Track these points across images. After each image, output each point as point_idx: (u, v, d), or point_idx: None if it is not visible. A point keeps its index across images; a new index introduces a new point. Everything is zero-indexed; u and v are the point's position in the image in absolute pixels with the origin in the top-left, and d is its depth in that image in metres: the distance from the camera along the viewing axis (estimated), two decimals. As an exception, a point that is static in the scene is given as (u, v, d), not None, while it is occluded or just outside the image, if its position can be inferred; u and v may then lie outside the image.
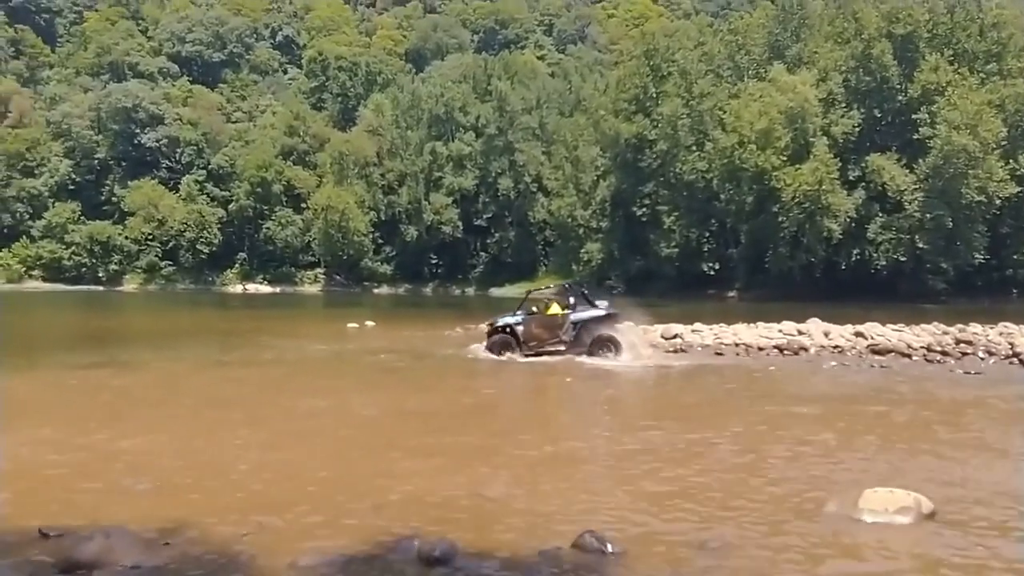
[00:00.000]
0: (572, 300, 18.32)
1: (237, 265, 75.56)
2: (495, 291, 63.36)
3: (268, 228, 73.70)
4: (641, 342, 18.01)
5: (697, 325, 20.62)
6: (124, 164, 77.77)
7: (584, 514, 6.03)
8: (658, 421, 10.40)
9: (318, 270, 73.82)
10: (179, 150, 78.26)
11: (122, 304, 51.16)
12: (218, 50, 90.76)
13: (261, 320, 32.83)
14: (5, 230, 74.19)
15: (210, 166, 77.42)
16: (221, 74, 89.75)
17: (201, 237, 74.02)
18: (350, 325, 25.54)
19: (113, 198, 76.39)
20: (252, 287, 72.20)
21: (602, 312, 17.74)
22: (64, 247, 73.67)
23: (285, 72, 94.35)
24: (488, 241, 69.70)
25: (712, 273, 51.44)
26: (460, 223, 68.59)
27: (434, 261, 70.86)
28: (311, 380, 14.69)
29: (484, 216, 69.45)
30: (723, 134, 49.04)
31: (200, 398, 12.41)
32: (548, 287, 19.53)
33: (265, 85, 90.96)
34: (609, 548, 5.18)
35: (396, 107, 74.68)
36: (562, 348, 17.25)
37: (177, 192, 76.48)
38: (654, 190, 53.71)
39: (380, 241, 71.49)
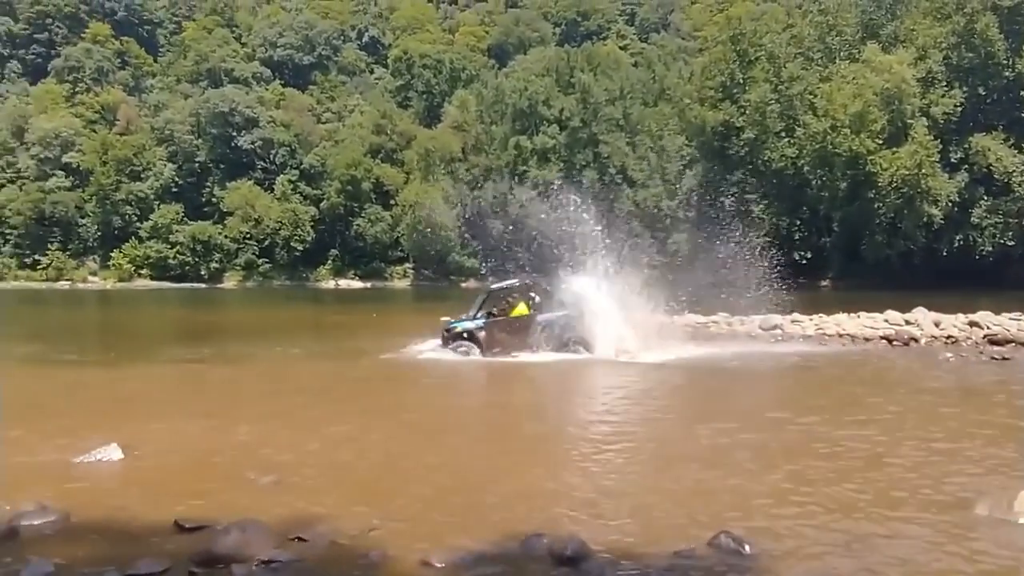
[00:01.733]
0: (536, 298, 16.54)
1: (329, 261, 77.76)
2: (582, 284, 63.20)
3: (358, 225, 75.53)
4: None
5: (796, 315, 20.04)
6: (222, 166, 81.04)
7: (710, 512, 5.85)
8: (772, 414, 10.01)
9: (407, 265, 75.28)
10: (273, 151, 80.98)
11: (223, 300, 53.32)
12: (308, 53, 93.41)
13: (356, 314, 33.59)
14: (116, 232, 78.40)
15: (302, 166, 79.87)
16: (311, 76, 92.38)
17: (295, 235, 76.49)
18: (444, 319, 25.74)
19: (213, 199, 79.69)
20: (344, 283, 74.23)
21: (569, 312, 16.10)
22: (169, 247, 77.31)
23: (372, 72, 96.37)
24: (574, 234, 69.40)
25: (804, 263, 49.93)
26: (544, 216, 68.54)
27: (520, 255, 71.07)
28: (415, 373, 14.83)
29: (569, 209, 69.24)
30: (814, 119, 47.46)
31: (310, 391, 12.71)
32: (509, 283, 17.49)
33: (353, 85, 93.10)
34: (747, 548, 4.98)
35: (480, 102, 75.35)
36: (529, 352, 15.81)
37: (272, 192, 79.20)
38: (742, 178, 52.49)
39: (467, 236, 72.23)
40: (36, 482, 6.92)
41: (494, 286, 17.62)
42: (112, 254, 78.24)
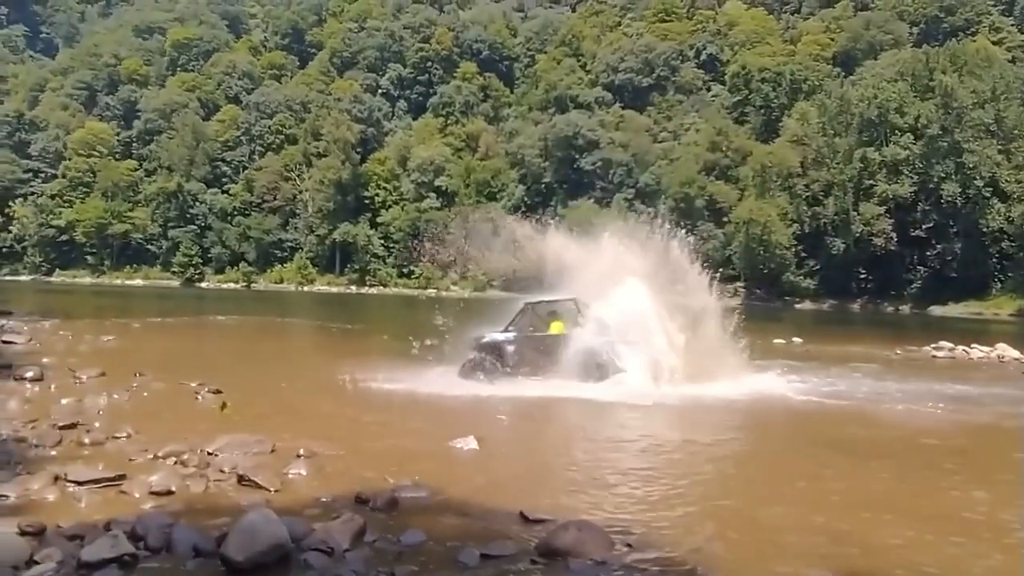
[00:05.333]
0: (579, 318, 14.89)
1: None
2: (936, 309, 57.20)
3: (689, 242, 75.95)
4: None
5: None
6: (565, 186, 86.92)
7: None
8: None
9: (738, 284, 73.94)
10: (611, 171, 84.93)
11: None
12: (647, 75, 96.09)
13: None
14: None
15: (638, 184, 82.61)
16: (649, 97, 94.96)
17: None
18: (776, 340, 25.04)
19: (556, 217, 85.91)
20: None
21: (610, 338, 14.19)
22: (516, 261, 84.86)
23: (708, 89, 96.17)
24: (928, 254, 62.88)
25: None
26: (894, 234, 63.12)
27: (862, 275, 66.24)
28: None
29: (923, 226, 62.92)
30: None
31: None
32: (551, 298, 15.50)
33: (689, 104, 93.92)
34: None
35: (823, 114, 71.45)
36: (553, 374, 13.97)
37: (608, 209, 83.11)
38: None
39: (803, 254, 69.16)
40: (411, 463, 8.13)
41: (531, 300, 15.59)
42: (469, 266, 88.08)
